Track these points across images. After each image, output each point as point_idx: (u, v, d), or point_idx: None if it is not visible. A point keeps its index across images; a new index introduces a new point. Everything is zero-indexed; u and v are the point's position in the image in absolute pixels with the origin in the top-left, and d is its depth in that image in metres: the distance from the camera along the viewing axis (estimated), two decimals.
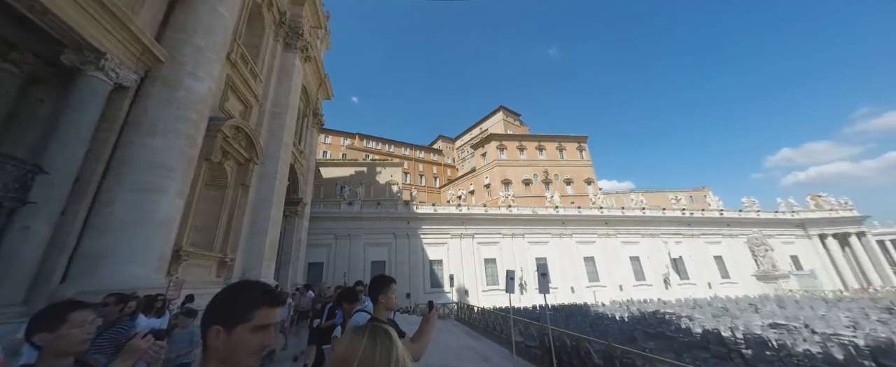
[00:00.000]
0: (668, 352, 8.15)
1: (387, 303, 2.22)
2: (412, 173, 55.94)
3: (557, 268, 26.63)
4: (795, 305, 16.61)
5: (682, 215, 31.20)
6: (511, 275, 8.65)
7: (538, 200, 37.38)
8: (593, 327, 11.68)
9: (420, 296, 23.11)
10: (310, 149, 20.15)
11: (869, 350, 7.74)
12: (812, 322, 11.49)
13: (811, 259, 32.19)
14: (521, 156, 43.94)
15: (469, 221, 26.68)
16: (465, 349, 9.30)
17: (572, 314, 15.03)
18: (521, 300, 23.88)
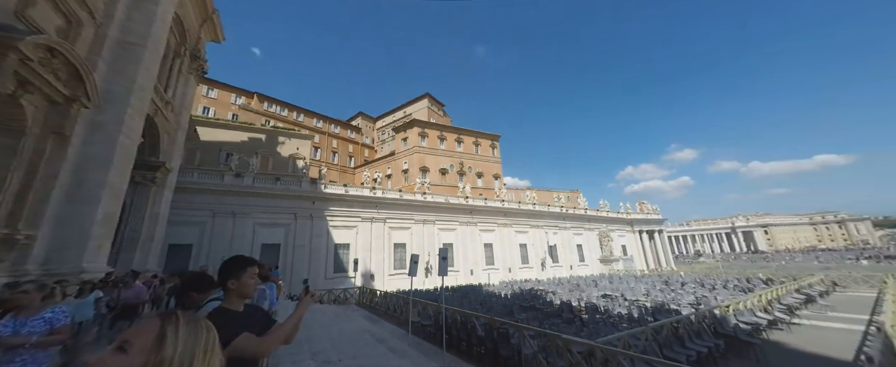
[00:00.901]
0: (534, 321, 10.01)
1: (241, 290, 1.87)
2: (324, 149, 50.78)
3: (461, 253, 29.01)
4: (619, 281, 22.80)
5: (560, 211, 38.27)
6: (415, 259, 8.93)
7: (451, 189, 39.50)
8: (483, 304, 13.27)
9: (320, 282, 21.56)
10: (183, 101, 15.77)
11: (652, 309, 11.37)
12: (626, 292, 16.01)
13: (632, 248, 44.63)
14: (440, 146, 45.24)
15: (383, 205, 26.13)
16: (361, 333, 9.21)
17: (467, 294, 16.71)
18: (425, 283, 25.12)
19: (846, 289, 19.85)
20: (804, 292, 14.89)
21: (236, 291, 1.85)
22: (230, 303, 1.85)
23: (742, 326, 8.60)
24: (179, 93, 15.40)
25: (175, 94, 14.97)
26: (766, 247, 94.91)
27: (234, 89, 44.14)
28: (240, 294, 1.87)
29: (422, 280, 25.07)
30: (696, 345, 7.26)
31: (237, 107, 42.59)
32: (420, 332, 10.21)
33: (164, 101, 13.73)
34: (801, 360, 7.76)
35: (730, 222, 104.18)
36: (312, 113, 51.98)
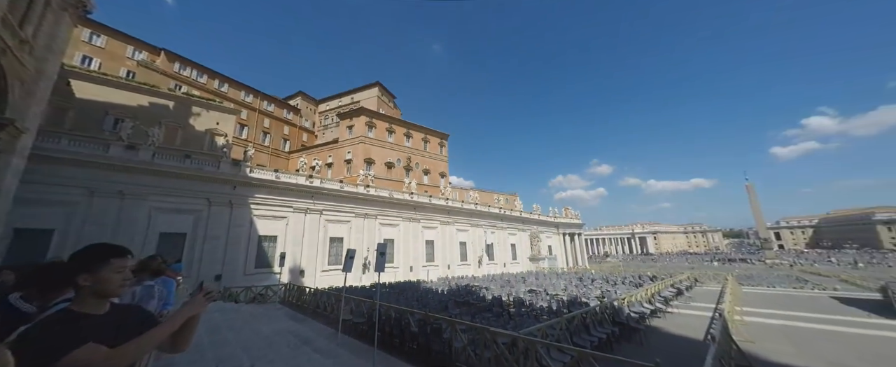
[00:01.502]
0: (466, 315, 10.42)
1: (99, 288, 1.48)
2: (253, 128, 44.89)
3: (402, 249, 28.66)
4: (544, 277, 25.31)
5: (498, 212, 40.75)
6: (351, 254, 8.45)
7: (397, 184, 38.73)
8: (419, 300, 13.31)
9: (238, 278, 18.98)
10: (50, 43, 12.09)
11: (567, 302, 12.88)
12: (548, 288, 17.82)
13: (557, 248, 50.04)
14: (389, 138, 43.96)
15: (321, 195, 24.20)
16: (282, 335, 8.37)
17: (405, 291, 16.58)
18: (361, 279, 24.15)
19: (703, 284, 25.50)
20: (676, 287, 18.64)
21: (91, 288, 1.44)
22: (82, 304, 1.42)
23: (632, 315, 10.32)
24: (45, 32, 11.75)
25: (37, 32, 11.39)
26: (654, 250, 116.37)
27: (132, 40, 35.75)
28: (97, 293, 1.46)
29: (358, 277, 24.04)
30: (599, 332, 8.45)
31: (135, 63, 34.58)
32: (352, 331, 9.74)
33: (20, 38, 10.35)
34: (672, 340, 9.64)
35: (630, 229, 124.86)
36: (241, 85, 45.33)
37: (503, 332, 6.75)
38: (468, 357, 7.07)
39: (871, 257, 54.28)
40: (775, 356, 7.86)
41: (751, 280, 28.70)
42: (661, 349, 8.73)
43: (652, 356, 8.00)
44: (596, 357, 5.93)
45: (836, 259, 53.57)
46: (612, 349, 8.75)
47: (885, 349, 8.34)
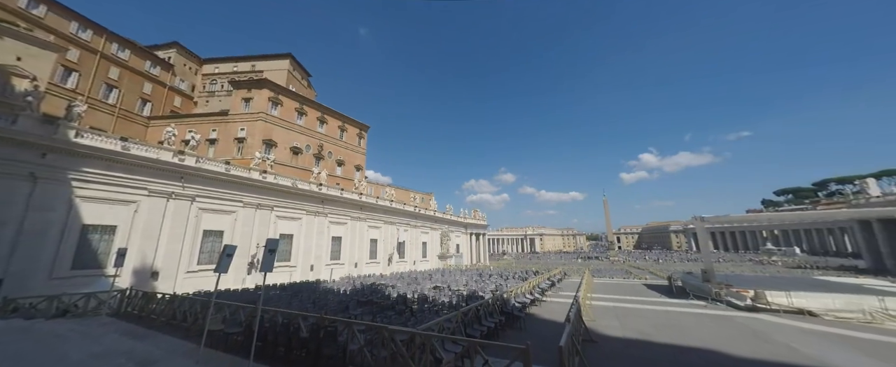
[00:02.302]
0: (368, 315, 10.08)
1: None
2: (90, 77, 32.84)
3: (303, 246, 25.68)
4: (450, 274, 26.80)
5: (414, 211, 41.13)
6: (229, 251, 7.01)
7: (303, 173, 34.64)
8: (316, 302, 12.16)
9: (38, 283, 13.38)
10: None
11: (466, 296, 13.96)
12: (452, 284, 18.95)
13: (464, 247, 53.84)
14: (298, 120, 38.95)
15: (195, 177, 19.40)
16: (107, 359, 6.31)
17: (300, 292, 14.89)
18: (245, 281, 20.51)
19: (570, 277, 31.67)
20: (551, 280, 22.59)
21: None
22: None
23: (517, 305, 11.95)
24: None
25: None
26: (539, 249, 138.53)
27: None
28: None
29: (240, 278, 20.35)
30: (488, 322, 9.44)
31: None
32: (222, 343, 8.10)
33: None
34: (544, 324, 11.56)
35: (524, 231, 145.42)
36: (72, 13, 32.44)
37: (402, 329, 6.78)
38: (364, 359, 6.81)
39: (667, 256, 78.39)
40: (607, 330, 10.37)
41: (599, 273, 37.32)
42: (536, 331, 10.37)
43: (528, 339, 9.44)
44: (482, 345, 6.57)
45: (648, 257, 74.99)
46: (498, 336, 9.91)
47: (667, 319, 12.08)
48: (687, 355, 8.06)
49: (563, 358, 4.96)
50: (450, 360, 5.98)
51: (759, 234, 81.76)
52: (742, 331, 10.13)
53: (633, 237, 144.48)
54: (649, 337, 9.64)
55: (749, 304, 13.24)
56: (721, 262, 48.69)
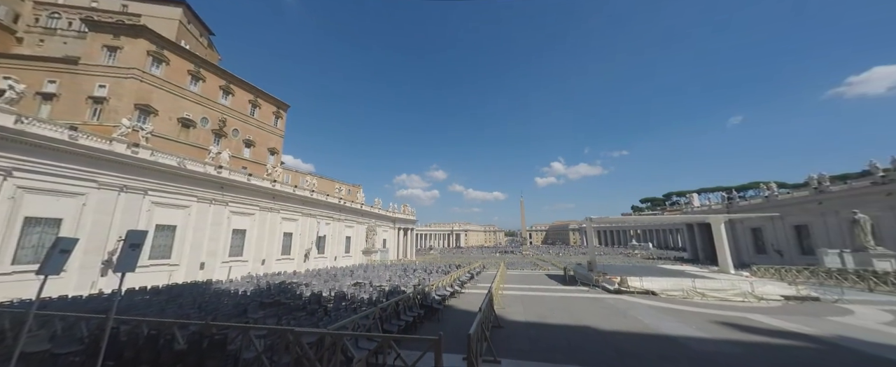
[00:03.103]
0: (271, 318, 8.96)
1: None
2: None
3: (191, 239, 21.22)
4: (373, 270, 25.98)
5: (338, 203, 38.39)
6: (65, 246, 5.20)
7: (197, 151, 28.71)
8: (202, 307, 10.21)
9: None
10: None
11: (388, 291, 13.74)
12: (375, 280, 18.40)
13: (391, 242, 52.94)
14: (191, 87, 32.00)
15: (12, 144, 13.91)
16: None
17: (180, 295, 12.27)
18: (96, 285, 15.82)
19: (488, 269, 34.42)
20: (470, 272, 24.14)
21: None
22: None
23: (436, 297, 12.35)
24: None
25: None
26: (463, 244, 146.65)
27: None
28: None
29: (88, 282, 15.60)
30: (408, 316, 9.50)
31: None
32: None
33: None
34: (460, 315, 12.24)
35: (451, 226, 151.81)
36: None
37: (310, 330, 6.24)
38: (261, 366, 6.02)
39: (566, 250, 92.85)
40: (513, 316, 11.63)
41: (513, 265, 41.70)
42: (453, 322, 10.91)
43: (444, 329, 9.84)
44: (397, 340, 6.54)
45: (552, 251, 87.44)
46: (416, 329, 10.07)
47: (560, 303, 14.25)
48: (570, 331, 9.67)
49: (472, 345, 5.33)
50: (361, 358, 5.78)
51: (627, 232, 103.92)
52: (609, 309, 12.68)
53: (542, 234, 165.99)
54: (545, 319, 11.20)
55: (616, 288, 16.68)
56: (602, 255, 60.29)
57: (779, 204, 36.75)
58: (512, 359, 7.20)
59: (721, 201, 47.77)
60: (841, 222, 28.79)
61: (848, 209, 27.16)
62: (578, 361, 7.06)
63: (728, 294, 14.68)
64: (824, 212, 31.91)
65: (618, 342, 8.49)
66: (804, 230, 34.53)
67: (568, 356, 7.43)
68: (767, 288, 15.03)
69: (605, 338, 8.91)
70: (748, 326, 10.15)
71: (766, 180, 46.40)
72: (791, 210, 35.31)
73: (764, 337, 8.98)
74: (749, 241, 41.40)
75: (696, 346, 8.17)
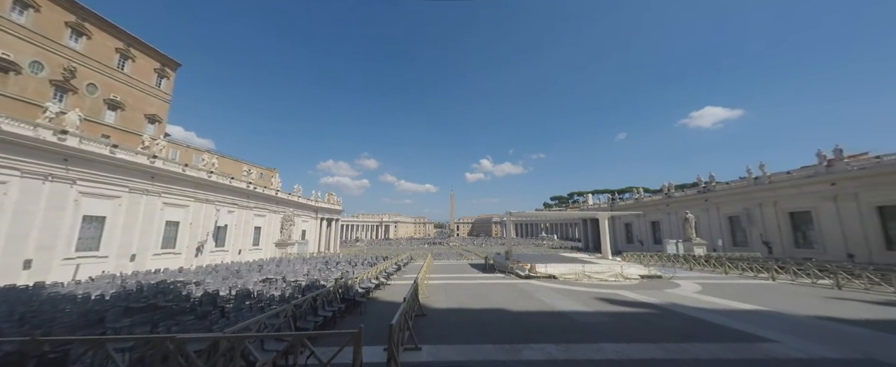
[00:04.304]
0: (142, 325, 7.22)
1: None
2: None
3: (6, 231, 15.33)
4: (288, 263, 23.38)
5: (245, 188, 33.08)
6: None
7: (23, 107, 20.92)
8: (25, 319, 7.56)
9: None
10: None
11: (305, 286, 12.58)
12: (289, 274, 16.60)
13: (312, 233, 48.53)
14: (17, 16, 23.10)
15: None
16: None
17: None
18: None
19: (415, 260, 34.82)
20: (398, 264, 24.04)
21: None
22: None
23: (360, 290, 11.90)
24: None
25: None
26: (393, 236, 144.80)
27: None
28: None
29: None
30: (325, 311, 8.89)
31: None
32: None
33: None
34: (385, 306, 12.07)
35: (380, 218, 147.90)
36: None
37: (199, 335, 5.26)
38: None
39: (489, 241, 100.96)
40: (436, 304, 12.08)
41: (440, 256, 43.20)
42: (376, 314, 10.68)
43: (366, 322, 9.56)
44: (312, 337, 6.06)
45: (476, 242, 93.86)
46: (336, 324, 9.52)
47: (479, 290, 15.42)
48: (486, 313, 10.59)
49: (393, 335, 5.31)
50: (267, 360, 5.16)
51: (539, 225, 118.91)
52: (521, 293, 14.34)
53: (469, 226, 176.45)
54: (465, 305, 11.97)
55: (527, 274, 18.96)
56: (518, 245, 67.63)
57: (643, 205, 47.32)
58: (432, 344, 7.47)
59: (607, 201, 58.87)
60: (678, 220, 38.72)
61: (683, 210, 36.76)
62: (491, 340, 7.77)
63: (606, 276, 18.27)
64: (669, 212, 42.50)
65: (524, 320, 9.68)
66: (657, 225, 45.37)
67: (482, 336, 8.11)
68: (631, 270, 19.26)
69: (514, 318, 10.05)
70: (616, 299, 12.84)
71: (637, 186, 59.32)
72: (650, 210, 45.91)
73: (626, 307, 11.51)
74: (622, 233, 52.25)
75: (580, 318, 9.94)
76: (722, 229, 36.18)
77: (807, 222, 28.36)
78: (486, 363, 6.44)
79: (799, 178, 28.66)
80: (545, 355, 6.83)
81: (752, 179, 33.01)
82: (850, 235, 24.83)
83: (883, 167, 23.17)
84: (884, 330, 8.47)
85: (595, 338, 7.86)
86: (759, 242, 31.46)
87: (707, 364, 6.31)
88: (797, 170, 29.77)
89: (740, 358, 6.62)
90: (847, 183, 25.14)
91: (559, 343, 7.50)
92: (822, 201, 26.68)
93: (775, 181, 30.67)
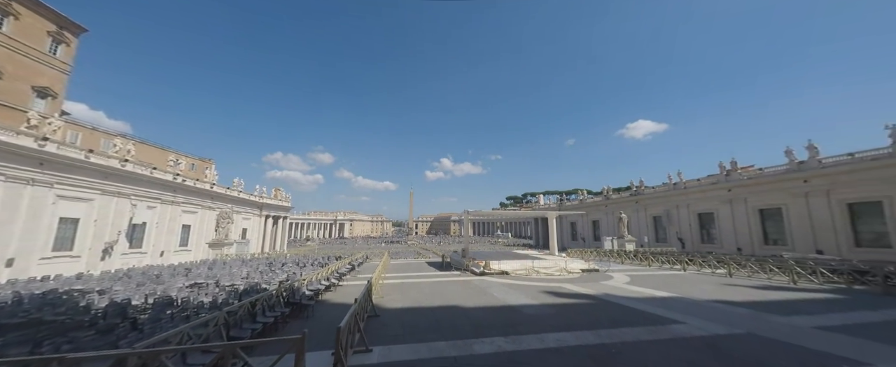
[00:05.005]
0: (21, 345, 5.85)
1: None
2: None
3: None
4: (223, 266, 20.95)
5: (171, 180, 28.86)
6: None
7: None
8: None
9: None
10: None
11: (242, 291, 11.37)
12: (223, 278, 14.88)
13: (254, 231, 44.19)
14: None
15: None
16: None
17: None
18: None
19: (371, 260, 33.79)
20: (352, 264, 23.08)
21: None
22: None
23: (307, 293, 11.15)
24: None
25: None
26: (349, 234, 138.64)
27: None
28: None
29: None
30: (266, 317, 8.16)
31: None
32: None
33: None
34: (335, 308, 11.48)
35: (334, 216, 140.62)
36: None
37: (100, 353, 4.43)
38: None
39: (447, 239, 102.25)
40: (391, 304, 11.86)
41: (397, 255, 42.53)
42: (326, 317, 10.10)
43: (313, 327, 9.00)
44: (248, 346, 5.53)
45: (434, 240, 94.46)
46: (279, 330, 8.80)
47: (435, 288, 15.52)
48: (441, 311, 10.70)
49: (341, 338, 5.07)
50: None
51: (495, 224, 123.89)
52: (475, 289, 14.78)
53: (428, 225, 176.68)
54: (420, 303, 11.96)
55: (481, 271, 19.62)
56: (474, 243, 69.63)
57: (586, 206, 52.10)
58: (384, 345, 7.31)
59: (556, 202, 63.53)
60: (614, 219, 43.40)
61: (618, 211, 41.30)
62: (443, 337, 7.87)
63: (552, 271, 19.73)
64: (607, 212, 47.42)
65: (476, 316, 10.00)
66: (597, 224, 50.30)
67: (435, 334, 8.17)
68: (574, 265, 21.08)
69: (467, 314, 10.31)
70: (560, 292, 13.94)
71: (582, 188, 65.22)
72: (592, 210, 50.73)
73: (568, 299, 12.56)
74: (568, 231, 56.94)
75: (528, 311, 10.58)
76: (648, 227, 41.48)
77: (710, 221, 33.91)
78: (438, 360, 6.49)
79: (706, 184, 34.12)
80: (495, 348, 7.13)
81: (672, 184, 38.41)
82: (740, 232, 30.31)
83: (763, 177, 28.69)
84: (760, 310, 10.49)
85: (540, 329, 8.43)
86: (676, 238, 36.75)
87: (630, 345, 7.18)
88: (704, 178, 35.41)
89: (656, 338, 7.66)
90: (739, 190, 30.64)
91: (508, 336, 7.89)
92: (722, 204, 32.12)
93: (688, 187, 36.10)
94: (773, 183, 27.88)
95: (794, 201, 26.43)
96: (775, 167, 28.46)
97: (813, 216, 25.17)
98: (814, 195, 25.21)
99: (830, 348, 6.89)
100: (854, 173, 23.12)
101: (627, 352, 6.79)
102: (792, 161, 26.83)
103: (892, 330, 8.18)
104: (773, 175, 27.93)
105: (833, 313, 9.97)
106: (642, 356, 6.54)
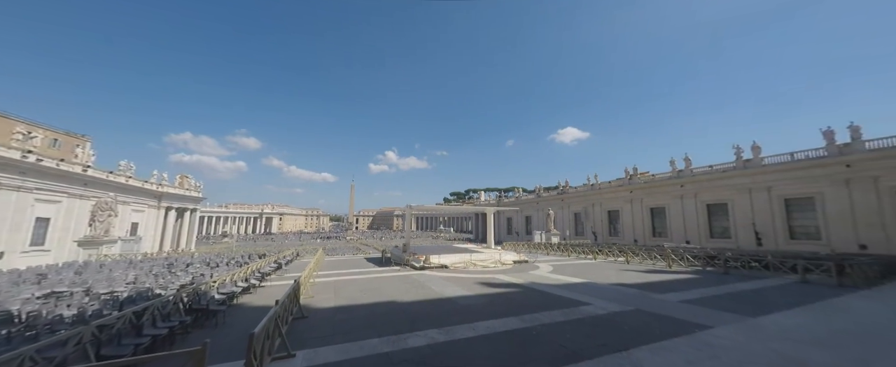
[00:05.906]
0: None
1: None
2: None
3: None
4: (99, 269, 16.75)
5: (17, 159, 21.89)
6: None
7: None
8: None
9: None
10: None
11: (125, 300, 9.26)
12: (99, 284, 11.91)
13: (149, 226, 36.49)
14: None
15: None
16: None
17: None
18: None
19: (303, 257, 31.05)
20: (278, 262, 20.86)
21: None
22: None
23: (217, 297, 9.67)
24: None
25: None
26: (277, 229, 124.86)
27: None
28: None
29: None
30: (158, 328, 6.79)
31: None
32: None
33: None
34: (252, 313, 10.17)
35: (260, 208, 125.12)
36: None
37: None
38: None
39: (389, 234, 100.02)
40: (322, 303, 11.07)
41: (333, 251, 39.97)
42: (240, 324, 8.88)
43: (223, 335, 7.84)
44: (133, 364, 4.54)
45: (376, 235, 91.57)
46: (175, 343, 7.43)
47: (373, 284, 15.03)
48: (376, 307, 10.41)
49: (254, 345, 4.50)
50: None
51: (438, 219, 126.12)
52: (413, 283, 14.78)
53: (369, 219, 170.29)
54: (355, 301, 11.44)
55: (422, 265, 19.73)
56: (417, 238, 69.79)
57: (521, 202, 56.72)
58: (311, 348, 6.78)
59: (495, 198, 67.58)
60: (544, 215, 48.18)
61: (547, 208, 46.00)
62: (377, 334, 7.67)
63: (488, 263, 20.95)
64: (538, 209, 52.39)
65: (412, 310, 10.00)
66: (529, 219, 55.21)
67: (369, 331, 7.91)
68: (507, 257, 22.74)
69: (403, 308, 10.25)
70: (493, 282, 14.90)
71: (518, 186, 70.74)
72: (526, 207, 55.46)
73: (499, 289, 13.49)
74: (505, 226, 61.25)
75: (462, 302, 11.03)
76: (570, 222, 47.22)
77: (617, 217, 40.25)
78: (369, 358, 6.29)
79: (614, 186, 40.31)
80: (428, 339, 7.23)
81: (590, 185, 44.36)
82: (636, 226, 36.70)
83: (655, 182, 35.20)
84: (645, 290, 12.84)
85: (472, 318, 8.86)
86: (591, 232, 42.67)
87: (549, 327, 8.05)
88: (614, 181, 41.79)
89: (569, 319, 8.75)
90: (637, 191, 37.02)
91: (442, 327, 8.09)
92: (625, 204, 38.39)
93: (601, 188, 42.17)
94: (660, 187, 34.46)
95: (673, 202, 33.14)
96: (663, 174, 35.27)
97: (685, 214, 31.95)
98: (686, 198, 32.00)
99: (689, 316, 8.81)
100: (711, 182, 30.08)
101: (546, 333, 7.60)
102: (674, 170, 33.59)
103: (728, 300, 10.87)
104: (661, 180, 34.55)
105: (692, 289, 12.78)
106: (558, 335, 7.39)
